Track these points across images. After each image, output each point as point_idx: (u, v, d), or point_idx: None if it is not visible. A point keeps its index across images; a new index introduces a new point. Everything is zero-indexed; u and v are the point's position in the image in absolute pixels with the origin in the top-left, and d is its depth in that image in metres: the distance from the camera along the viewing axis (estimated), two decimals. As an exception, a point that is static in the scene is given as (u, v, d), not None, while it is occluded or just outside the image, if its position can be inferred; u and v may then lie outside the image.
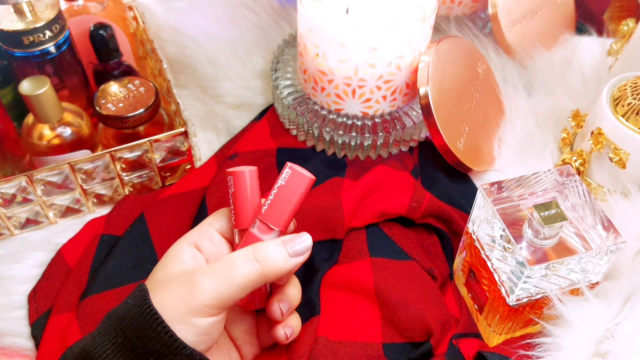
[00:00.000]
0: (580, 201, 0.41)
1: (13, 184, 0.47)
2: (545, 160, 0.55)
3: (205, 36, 0.64)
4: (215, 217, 0.39)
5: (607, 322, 0.40)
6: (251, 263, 0.35)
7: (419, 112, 0.54)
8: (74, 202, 0.51)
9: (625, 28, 0.59)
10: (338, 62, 0.49)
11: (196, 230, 0.39)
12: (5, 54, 0.51)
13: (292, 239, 0.37)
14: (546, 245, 0.38)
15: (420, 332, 0.43)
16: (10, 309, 0.46)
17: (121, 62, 0.55)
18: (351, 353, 0.42)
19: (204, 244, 0.38)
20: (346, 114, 0.53)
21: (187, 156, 0.53)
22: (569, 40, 0.66)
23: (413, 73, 0.51)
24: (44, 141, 0.50)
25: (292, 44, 0.60)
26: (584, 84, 0.60)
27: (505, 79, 0.61)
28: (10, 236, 0.51)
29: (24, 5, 0.48)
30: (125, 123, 0.49)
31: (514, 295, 0.39)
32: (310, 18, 0.48)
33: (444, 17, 0.67)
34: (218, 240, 0.39)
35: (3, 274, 0.48)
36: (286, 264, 0.36)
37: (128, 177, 0.52)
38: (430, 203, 0.49)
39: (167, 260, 0.37)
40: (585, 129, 0.53)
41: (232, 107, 0.61)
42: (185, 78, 0.64)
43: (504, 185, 0.41)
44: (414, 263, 0.47)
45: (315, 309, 0.43)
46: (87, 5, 0.55)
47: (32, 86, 0.47)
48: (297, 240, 0.37)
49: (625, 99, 0.48)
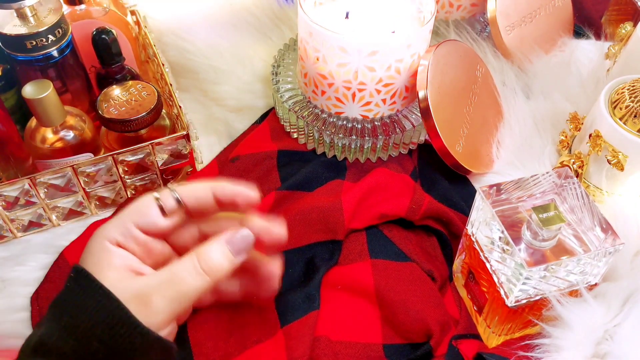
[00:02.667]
0: (579, 203, 0.41)
1: (16, 186, 0.47)
2: (543, 162, 0.56)
3: (206, 40, 0.65)
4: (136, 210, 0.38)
5: (605, 324, 0.41)
6: (200, 277, 0.35)
7: (418, 115, 0.55)
8: (76, 204, 0.51)
9: (622, 31, 0.60)
10: (338, 65, 0.50)
11: (116, 228, 0.37)
12: (8, 58, 0.51)
13: (233, 237, 0.37)
14: (545, 247, 0.39)
15: (420, 333, 0.43)
16: (13, 312, 0.46)
17: (123, 66, 0.55)
18: (352, 354, 0.42)
19: (128, 244, 0.37)
20: (346, 117, 0.54)
21: (188, 159, 0.53)
22: (567, 43, 0.67)
23: (412, 76, 0.52)
24: (46, 144, 0.50)
25: (293, 48, 0.60)
26: (582, 86, 0.60)
27: (503, 82, 0.62)
28: (13, 239, 0.51)
29: (26, 9, 0.49)
30: (128, 126, 0.50)
31: (512, 296, 0.39)
32: (310, 22, 0.49)
33: (443, 21, 0.68)
34: (143, 239, 0.38)
35: (6, 276, 0.48)
36: (232, 265, 0.37)
37: (130, 180, 0.52)
38: (429, 205, 0.49)
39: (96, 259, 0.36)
40: (583, 132, 0.54)
41: (233, 111, 0.62)
42: (186, 82, 0.64)
43: (502, 188, 0.41)
44: (413, 264, 0.47)
45: (315, 303, 0.44)
46: (89, 10, 0.56)
47: (35, 90, 0.47)
48: (238, 237, 0.37)
49: (623, 102, 0.49)
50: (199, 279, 0.35)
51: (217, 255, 0.36)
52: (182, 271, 0.35)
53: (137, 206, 0.38)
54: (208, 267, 0.35)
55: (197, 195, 0.39)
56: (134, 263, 0.37)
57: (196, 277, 0.35)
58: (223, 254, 0.36)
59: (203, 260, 0.36)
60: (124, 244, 0.37)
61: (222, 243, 0.36)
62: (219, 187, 0.39)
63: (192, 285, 0.35)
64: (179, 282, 0.35)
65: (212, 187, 0.39)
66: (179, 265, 0.36)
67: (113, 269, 0.35)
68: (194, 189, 0.39)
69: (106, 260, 0.36)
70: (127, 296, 0.34)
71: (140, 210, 0.38)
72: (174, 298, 0.35)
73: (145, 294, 0.34)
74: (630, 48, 0.58)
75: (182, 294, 0.35)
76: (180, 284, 0.35)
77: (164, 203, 0.38)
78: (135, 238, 0.37)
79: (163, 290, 0.34)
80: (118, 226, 0.37)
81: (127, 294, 0.34)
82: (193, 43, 0.64)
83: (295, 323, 0.43)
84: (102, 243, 0.37)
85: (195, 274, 0.35)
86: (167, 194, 0.38)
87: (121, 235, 0.37)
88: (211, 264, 0.36)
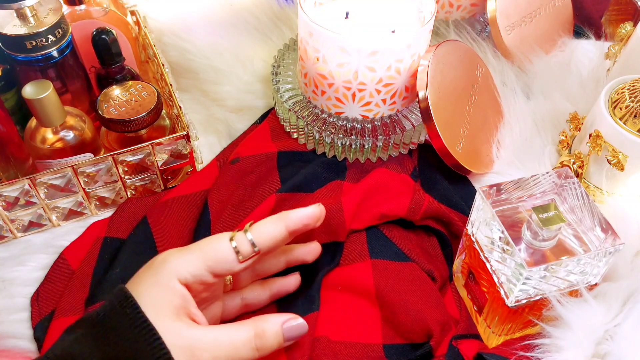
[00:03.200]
0: (579, 203, 0.41)
1: (16, 187, 0.47)
2: (543, 162, 0.55)
3: (206, 40, 0.65)
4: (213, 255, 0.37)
5: (606, 324, 0.41)
6: (252, 352, 0.37)
7: (418, 116, 0.55)
8: (76, 205, 0.51)
9: (623, 31, 0.60)
10: (338, 66, 0.50)
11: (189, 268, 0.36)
12: (8, 58, 0.51)
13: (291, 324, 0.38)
14: (545, 247, 0.39)
15: (420, 333, 0.43)
16: (13, 312, 0.46)
17: (123, 66, 0.55)
18: (352, 354, 0.42)
19: (195, 286, 0.37)
20: (346, 117, 0.54)
21: (189, 159, 0.53)
22: (567, 43, 0.67)
23: (412, 77, 0.52)
24: (46, 145, 0.50)
25: (293, 48, 0.60)
26: (582, 86, 0.60)
27: (503, 82, 0.62)
28: (13, 239, 0.51)
29: (26, 10, 0.49)
30: (128, 127, 0.50)
31: (513, 296, 0.39)
32: (310, 22, 0.49)
33: (443, 21, 0.68)
34: (211, 283, 0.38)
35: (6, 276, 0.48)
36: (279, 347, 0.38)
37: (130, 180, 0.52)
38: (429, 205, 0.49)
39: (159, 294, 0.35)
40: (583, 132, 0.54)
41: (233, 111, 0.62)
42: (186, 82, 0.64)
43: (502, 188, 0.41)
44: (413, 265, 0.47)
45: (315, 304, 0.44)
46: (89, 10, 0.56)
47: (35, 90, 0.47)
48: (295, 326, 0.38)
49: (623, 102, 0.49)
50: (251, 353, 0.37)
51: (272, 337, 0.37)
52: (239, 342, 0.36)
53: (215, 250, 0.38)
54: (262, 346, 0.37)
55: (273, 237, 0.39)
56: (191, 307, 0.37)
57: (249, 352, 0.37)
58: (277, 337, 0.38)
59: (259, 339, 0.37)
60: (191, 285, 0.37)
61: (279, 325, 0.38)
62: (290, 220, 0.39)
63: (244, 357, 0.36)
64: (234, 351, 0.36)
65: (285, 223, 0.39)
66: (237, 332, 0.37)
67: (172, 310, 0.35)
68: (271, 232, 0.39)
69: (168, 298, 0.35)
70: (178, 344, 0.34)
71: (218, 256, 0.37)
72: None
73: (197, 348, 0.35)
74: (630, 48, 0.58)
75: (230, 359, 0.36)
76: (234, 353, 0.36)
77: (240, 249, 0.38)
78: (204, 282, 0.37)
79: (216, 352, 0.35)
80: (191, 267, 0.37)
81: (179, 342, 0.34)
82: (193, 43, 0.64)
83: None
84: (171, 279, 0.36)
85: (249, 348, 0.37)
86: (243, 239, 0.38)
87: (192, 277, 0.37)
88: (266, 344, 0.37)
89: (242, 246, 0.38)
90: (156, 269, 0.37)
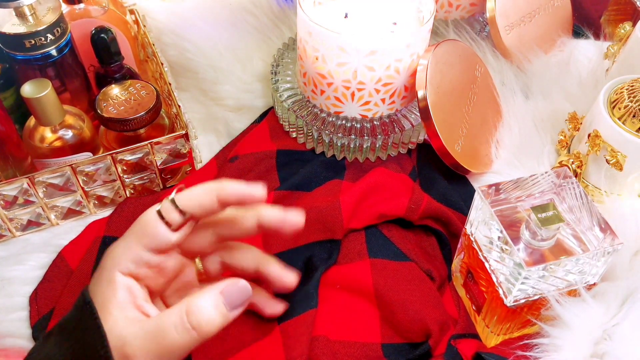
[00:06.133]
0: (578, 203, 0.41)
1: (15, 186, 0.47)
2: (542, 162, 0.56)
3: (205, 39, 0.65)
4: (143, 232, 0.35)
5: (604, 323, 0.41)
6: (186, 333, 0.32)
7: (417, 115, 0.55)
8: (75, 204, 0.51)
9: (622, 31, 0.60)
10: (337, 65, 0.50)
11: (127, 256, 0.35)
12: (7, 57, 0.51)
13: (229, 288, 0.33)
14: (543, 247, 0.39)
15: (419, 333, 0.43)
16: (11, 311, 0.46)
17: (122, 65, 0.55)
18: (351, 353, 0.42)
19: (141, 271, 0.35)
20: (345, 117, 0.54)
21: (187, 158, 0.53)
22: (566, 43, 0.67)
23: (411, 76, 0.52)
24: (45, 144, 0.50)
25: (292, 48, 0.60)
26: (581, 86, 0.60)
27: (502, 82, 0.62)
28: (11, 238, 0.51)
29: (25, 8, 0.49)
30: (127, 126, 0.50)
31: (511, 296, 0.39)
32: (309, 22, 0.49)
33: (442, 21, 0.68)
34: (156, 261, 0.35)
35: (4, 275, 0.48)
36: (225, 321, 0.33)
37: (129, 179, 0.52)
38: (428, 205, 0.49)
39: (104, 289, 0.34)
40: (582, 132, 0.54)
41: (232, 110, 0.62)
42: (185, 81, 0.64)
43: (501, 187, 0.41)
44: (412, 264, 0.47)
45: (313, 301, 0.44)
46: (88, 9, 0.56)
47: (34, 89, 0.47)
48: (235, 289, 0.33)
49: (622, 102, 0.49)
50: (185, 335, 0.31)
51: (209, 308, 0.32)
52: (168, 324, 0.32)
53: (143, 227, 0.35)
54: (197, 322, 0.32)
55: (200, 203, 0.36)
56: (139, 298, 0.34)
57: (182, 333, 0.31)
58: (216, 308, 0.32)
59: (192, 313, 0.32)
60: (135, 272, 0.35)
61: (215, 294, 0.33)
62: (222, 190, 0.36)
63: (177, 342, 0.31)
64: (163, 337, 0.31)
65: (215, 191, 0.36)
66: (166, 316, 0.32)
67: (117, 305, 0.33)
68: (196, 196, 0.36)
69: (112, 293, 0.34)
70: (118, 344, 0.32)
71: (146, 231, 0.35)
72: (155, 354, 0.31)
73: (127, 344, 0.31)
74: (629, 48, 0.58)
75: (165, 350, 0.31)
76: (164, 339, 0.31)
77: (168, 217, 0.35)
78: (147, 263, 0.35)
79: (145, 344, 0.31)
80: (128, 253, 0.35)
81: (119, 342, 0.32)
82: (192, 42, 0.64)
83: (292, 321, 0.43)
84: (112, 274, 0.34)
85: (181, 329, 0.31)
86: (169, 206, 0.35)
87: (133, 263, 0.35)
88: (201, 318, 0.32)
89: (169, 213, 0.35)
90: (103, 264, 0.35)
